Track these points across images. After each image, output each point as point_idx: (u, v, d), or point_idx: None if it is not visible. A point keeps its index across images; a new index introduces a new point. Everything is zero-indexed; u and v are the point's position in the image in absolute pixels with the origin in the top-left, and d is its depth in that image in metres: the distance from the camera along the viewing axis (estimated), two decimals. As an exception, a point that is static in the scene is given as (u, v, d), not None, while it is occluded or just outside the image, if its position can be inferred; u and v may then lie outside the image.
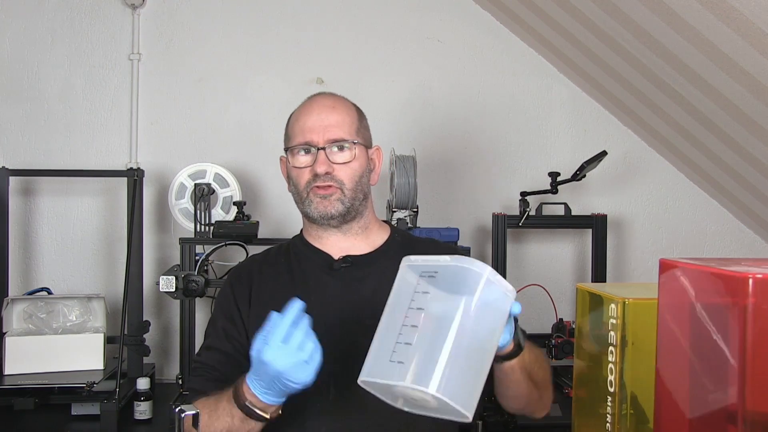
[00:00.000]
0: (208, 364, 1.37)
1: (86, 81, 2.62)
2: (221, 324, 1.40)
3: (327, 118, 1.37)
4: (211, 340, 1.40)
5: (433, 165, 2.68)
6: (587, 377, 1.22)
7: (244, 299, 1.40)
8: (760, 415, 0.81)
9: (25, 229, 2.59)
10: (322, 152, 1.35)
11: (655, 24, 1.98)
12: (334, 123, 1.37)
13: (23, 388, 2.06)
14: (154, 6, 2.63)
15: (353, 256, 1.40)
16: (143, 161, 2.60)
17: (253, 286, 1.41)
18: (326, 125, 1.36)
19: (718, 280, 0.85)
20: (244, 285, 1.41)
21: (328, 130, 1.36)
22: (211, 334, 1.41)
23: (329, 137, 1.36)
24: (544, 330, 2.45)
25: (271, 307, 1.36)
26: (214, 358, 1.37)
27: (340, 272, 1.39)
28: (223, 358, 1.36)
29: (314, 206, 1.37)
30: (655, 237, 2.79)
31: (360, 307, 1.35)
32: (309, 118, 1.38)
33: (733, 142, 2.29)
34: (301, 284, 1.39)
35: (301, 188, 1.38)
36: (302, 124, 1.38)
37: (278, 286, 1.40)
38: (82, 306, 2.30)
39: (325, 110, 1.39)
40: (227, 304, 1.41)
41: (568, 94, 2.75)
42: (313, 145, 1.36)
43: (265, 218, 2.56)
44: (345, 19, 2.68)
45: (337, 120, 1.38)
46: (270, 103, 2.65)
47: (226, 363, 1.36)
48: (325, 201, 1.36)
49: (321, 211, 1.37)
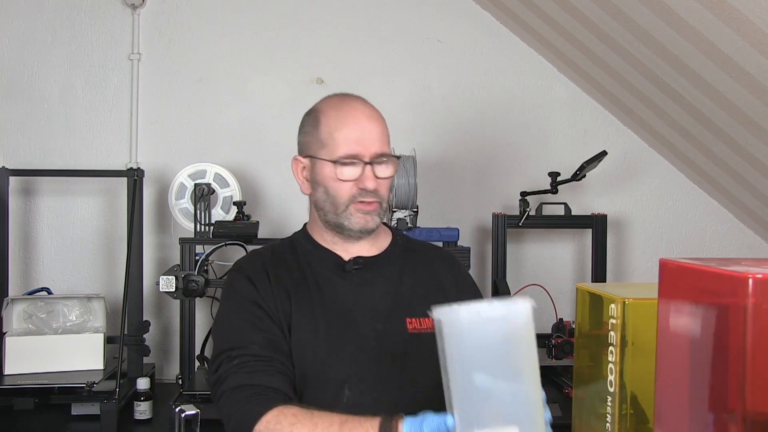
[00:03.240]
0: (266, 356, 1.26)
1: (86, 81, 2.62)
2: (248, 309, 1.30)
3: (371, 130, 1.32)
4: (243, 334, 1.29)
5: (433, 165, 2.68)
6: (587, 377, 1.22)
7: (266, 286, 1.33)
8: (760, 415, 0.81)
9: (25, 229, 2.59)
10: (369, 167, 1.31)
11: (655, 24, 1.97)
12: (377, 135, 1.33)
13: (23, 388, 2.06)
14: (154, 6, 2.63)
15: (363, 258, 1.39)
16: (143, 161, 2.60)
17: (270, 278, 1.34)
18: (372, 138, 1.32)
19: (718, 280, 0.85)
20: (260, 274, 1.34)
21: (374, 143, 1.32)
22: (236, 326, 1.30)
23: (375, 151, 1.31)
24: (544, 330, 2.45)
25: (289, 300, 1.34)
26: (269, 347, 1.27)
27: (351, 274, 1.37)
28: (272, 344, 1.27)
29: (355, 220, 1.33)
30: (655, 237, 2.79)
31: (371, 309, 1.35)
32: (354, 128, 1.31)
33: (733, 142, 2.28)
34: (313, 284, 1.36)
35: (342, 200, 1.32)
36: (347, 135, 1.31)
37: (293, 284, 1.35)
38: (82, 306, 2.30)
39: (368, 121, 1.33)
40: (246, 291, 1.32)
41: (568, 94, 2.75)
42: (360, 158, 1.31)
43: (265, 218, 2.56)
44: (345, 19, 2.68)
45: (379, 132, 1.33)
46: (270, 103, 2.65)
47: (278, 350, 1.27)
48: (368, 216, 1.33)
49: (362, 225, 1.34)
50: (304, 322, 1.31)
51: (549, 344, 2.21)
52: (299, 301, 1.34)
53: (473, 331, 0.96)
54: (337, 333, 1.32)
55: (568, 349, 2.18)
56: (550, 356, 2.21)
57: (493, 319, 0.96)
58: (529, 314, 0.98)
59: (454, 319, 0.96)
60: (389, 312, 1.35)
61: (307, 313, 1.32)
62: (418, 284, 1.39)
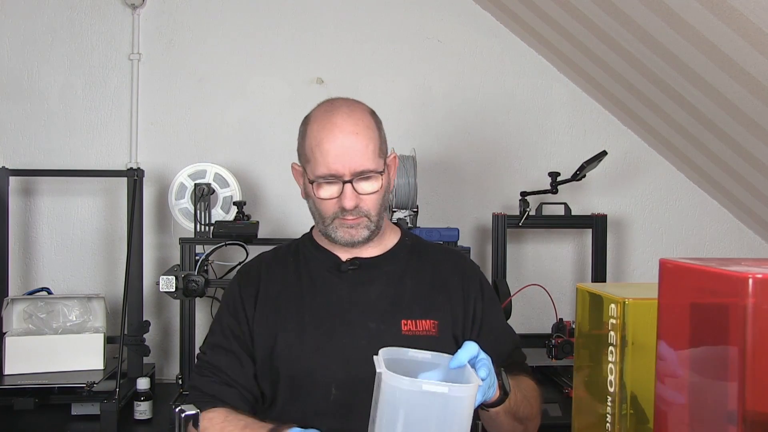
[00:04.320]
0: (214, 364, 1.37)
1: (86, 81, 2.62)
2: (227, 322, 1.40)
3: (351, 146, 1.28)
4: (216, 338, 1.40)
5: (433, 165, 2.67)
6: (587, 377, 1.22)
7: (250, 300, 1.39)
8: (760, 415, 0.81)
9: (25, 229, 2.59)
10: (348, 186, 1.29)
11: (655, 24, 1.97)
12: (359, 151, 1.29)
13: (23, 388, 2.05)
14: (154, 6, 2.63)
15: (361, 258, 1.39)
16: (143, 161, 2.60)
17: (260, 287, 1.40)
18: (351, 155, 1.28)
19: (718, 280, 0.85)
20: (251, 285, 1.41)
21: (354, 160, 1.28)
22: (217, 331, 1.41)
23: (355, 169, 1.29)
24: (544, 330, 2.46)
25: (276, 307, 1.37)
26: (222, 359, 1.37)
27: (348, 274, 1.38)
28: (230, 359, 1.36)
29: (340, 234, 1.34)
30: (655, 237, 2.79)
31: (365, 309, 1.35)
32: (332, 145, 1.28)
33: (733, 142, 2.28)
34: (307, 285, 1.38)
35: (327, 215, 1.34)
36: (325, 153, 1.28)
37: (284, 287, 1.39)
38: (82, 306, 2.30)
39: (348, 138, 1.29)
40: (233, 302, 1.41)
41: (568, 94, 2.75)
42: (339, 177, 1.29)
43: (265, 218, 2.56)
44: (345, 19, 2.68)
45: (362, 148, 1.29)
46: (270, 103, 2.65)
47: (232, 364, 1.36)
48: (352, 230, 1.34)
49: (347, 239, 1.35)
50: (292, 323, 1.35)
51: (549, 344, 2.21)
52: (288, 303, 1.37)
53: (411, 398, 0.96)
54: (325, 333, 1.33)
55: (568, 349, 2.18)
56: (550, 356, 2.21)
57: (433, 393, 0.96)
58: (473, 395, 0.99)
59: (394, 385, 0.97)
60: (385, 312, 1.35)
61: (296, 315, 1.35)
62: (419, 286, 1.39)
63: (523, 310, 2.64)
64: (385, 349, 1.07)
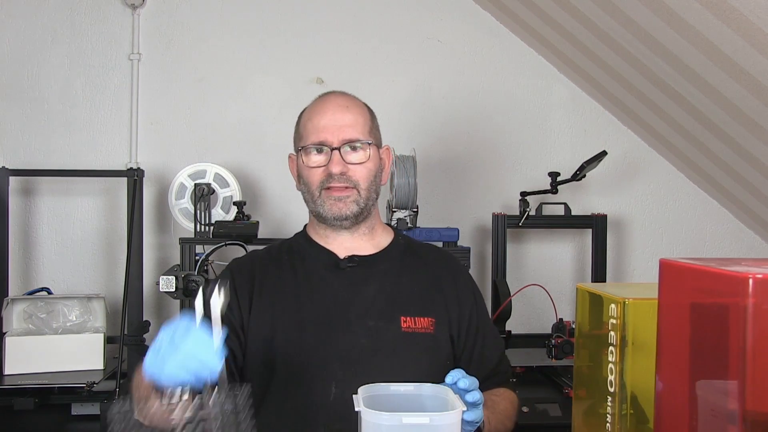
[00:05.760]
0: None
1: (86, 81, 2.62)
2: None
3: (341, 117, 1.36)
4: None
5: (433, 165, 2.67)
6: (587, 377, 1.22)
7: (245, 291, 1.37)
8: (760, 415, 0.81)
9: (25, 229, 2.59)
10: (336, 152, 1.34)
11: (655, 24, 1.97)
12: (349, 123, 1.36)
13: (23, 388, 2.06)
14: (154, 6, 2.63)
15: (359, 256, 1.40)
16: (143, 161, 2.60)
17: (255, 281, 1.38)
18: (341, 125, 1.35)
19: (718, 280, 0.85)
20: (245, 277, 1.39)
21: (343, 129, 1.35)
22: None
23: (344, 137, 1.35)
24: (544, 330, 2.45)
25: (272, 303, 1.36)
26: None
27: (346, 272, 1.38)
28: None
29: (328, 207, 1.36)
30: (655, 237, 2.79)
31: (363, 307, 1.35)
32: (323, 117, 1.36)
33: (733, 142, 2.28)
34: (304, 282, 1.38)
35: (314, 188, 1.37)
36: (316, 123, 1.36)
37: (281, 284, 1.38)
38: (82, 306, 2.30)
39: (339, 110, 1.37)
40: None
41: (568, 94, 2.75)
42: (328, 144, 1.35)
43: (265, 218, 2.56)
44: (345, 19, 2.68)
45: (351, 120, 1.37)
46: (270, 103, 2.65)
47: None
48: (340, 203, 1.35)
49: (335, 212, 1.36)
50: (290, 321, 1.33)
51: (549, 344, 2.21)
52: (285, 300, 1.36)
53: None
54: (324, 331, 1.33)
55: (568, 349, 2.18)
56: (550, 356, 2.20)
57: (415, 425, 0.97)
58: (456, 422, 0.99)
59: (374, 422, 0.98)
60: (383, 310, 1.35)
61: (293, 313, 1.34)
62: (416, 284, 1.40)
63: (523, 310, 2.64)
64: (365, 386, 1.08)
